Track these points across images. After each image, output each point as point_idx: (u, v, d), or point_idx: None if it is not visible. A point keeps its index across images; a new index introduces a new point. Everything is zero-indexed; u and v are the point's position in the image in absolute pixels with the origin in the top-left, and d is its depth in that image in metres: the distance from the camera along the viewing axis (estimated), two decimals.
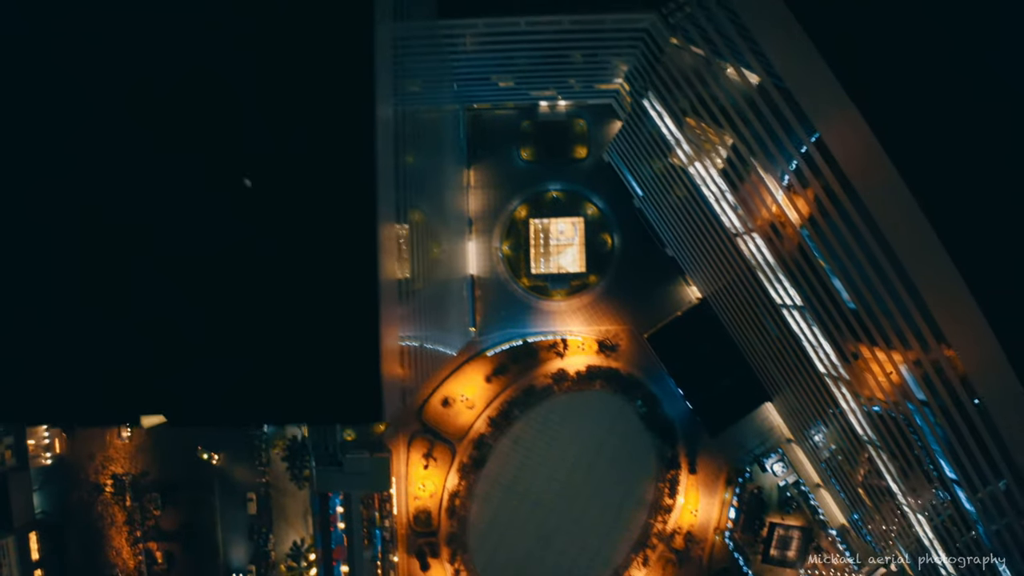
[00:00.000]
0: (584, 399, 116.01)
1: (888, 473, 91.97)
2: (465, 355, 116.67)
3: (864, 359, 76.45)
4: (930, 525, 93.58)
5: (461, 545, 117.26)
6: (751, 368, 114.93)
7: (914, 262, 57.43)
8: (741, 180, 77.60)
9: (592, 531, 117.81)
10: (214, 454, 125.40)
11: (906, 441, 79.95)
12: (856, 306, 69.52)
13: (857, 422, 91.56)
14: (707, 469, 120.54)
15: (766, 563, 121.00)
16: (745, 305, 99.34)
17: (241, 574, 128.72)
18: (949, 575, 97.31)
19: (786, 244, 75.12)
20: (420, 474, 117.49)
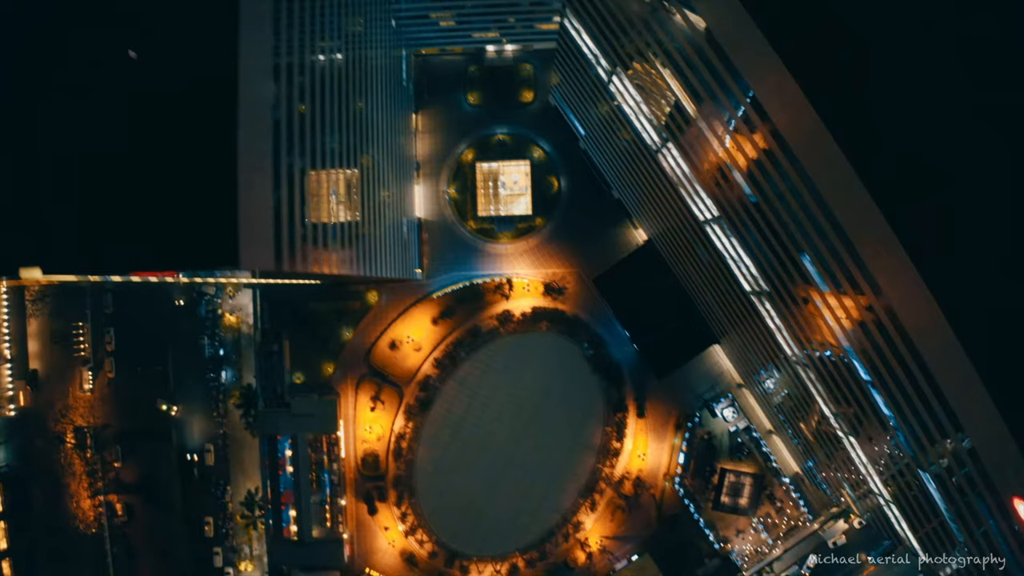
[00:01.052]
0: (530, 341, 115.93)
1: (835, 420, 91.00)
2: (412, 298, 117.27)
3: (802, 305, 76.02)
4: (878, 473, 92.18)
5: (408, 488, 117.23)
6: (698, 310, 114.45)
7: (845, 211, 57.37)
8: (685, 126, 76.90)
9: (539, 475, 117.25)
10: (173, 406, 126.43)
11: (846, 386, 79.07)
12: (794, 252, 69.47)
13: (800, 367, 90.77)
14: (656, 414, 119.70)
15: (717, 510, 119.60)
16: (689, 247, 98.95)
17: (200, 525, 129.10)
18: (901, 525, 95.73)
19: (734, 189, 73.95)
20: (368, 417, 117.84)
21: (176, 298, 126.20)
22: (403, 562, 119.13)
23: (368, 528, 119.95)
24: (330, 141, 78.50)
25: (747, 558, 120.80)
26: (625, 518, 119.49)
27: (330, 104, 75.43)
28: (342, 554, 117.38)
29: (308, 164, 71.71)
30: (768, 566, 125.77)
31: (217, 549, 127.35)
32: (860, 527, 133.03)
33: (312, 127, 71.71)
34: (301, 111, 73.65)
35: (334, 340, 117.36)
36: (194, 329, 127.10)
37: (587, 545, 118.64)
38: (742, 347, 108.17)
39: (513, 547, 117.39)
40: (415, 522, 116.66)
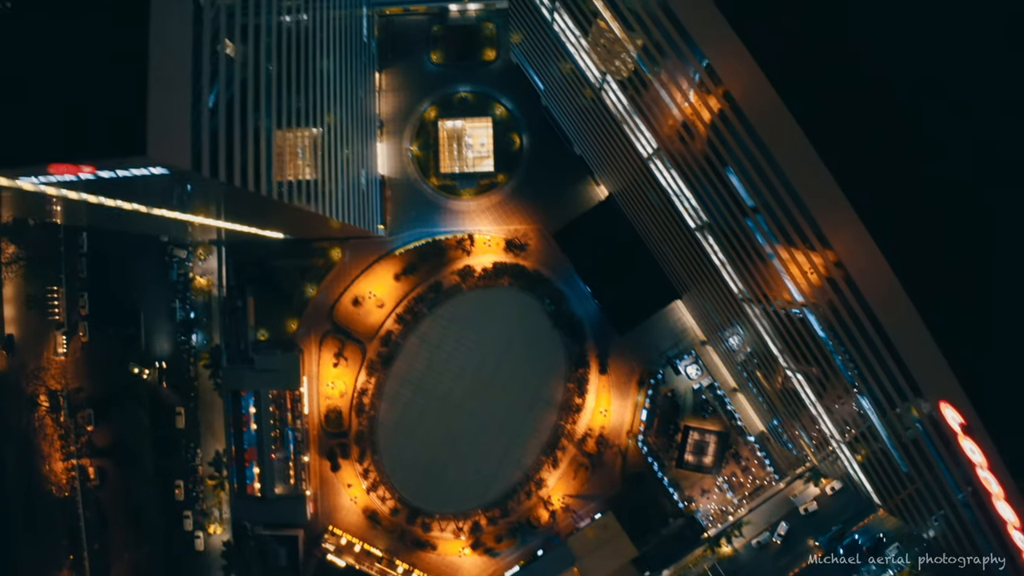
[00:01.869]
0: (491, 296, 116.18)
1: (797, 380, 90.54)
2: (375, 254, 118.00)
3: (759, 263, 76.10)
4: (839, 431, 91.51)
5: (370, 444, 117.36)
6: (659, 266, 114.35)
7: (796, 171, 57.71)
8: (647, 86, 77.23)
9: (501, 432, 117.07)
10: (145, 369, 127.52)
11: (803, 340, 78.85)
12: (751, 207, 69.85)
13: (761, 325, 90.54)
14: (619, 371, 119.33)
15: (681, 468, 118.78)
16: (648, 202, 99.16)
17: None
18: (863, 483, 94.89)
19: (697, 143, 74.07)
20: (331, 373, 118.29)
21: (150, 262, 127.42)
22: (366, 519, 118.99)
23: (331, 485, 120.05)
24: (295, 101, 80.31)
25: (712, 518, 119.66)
26: (588, 476, 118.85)
27: (296, 64, 77.10)
28: (305, 510, 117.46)
29: (273, 123, 74.00)
30: (737, 530, 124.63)
31: (187, 513, 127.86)
32: (832, 492, 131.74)
33: (278, 87, 73.42)
34: (269, 70, 75.52)
35: (298, 297, 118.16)
36: (166, 293, 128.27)
37: (550, 503, 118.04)
38: (703, 303, 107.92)
39: (475, 504, 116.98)
40: (377, 478, 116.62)
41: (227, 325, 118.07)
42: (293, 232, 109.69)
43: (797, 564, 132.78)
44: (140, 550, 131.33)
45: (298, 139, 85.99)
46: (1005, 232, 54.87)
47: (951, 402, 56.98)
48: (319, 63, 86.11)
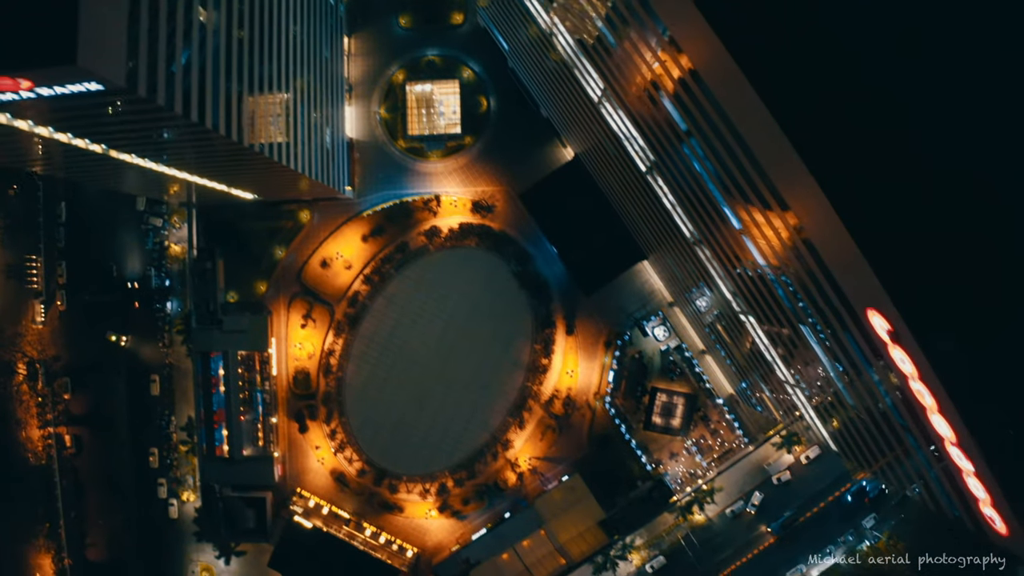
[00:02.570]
0: (458, 257, 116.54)
1: (762, 343, 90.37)
2: (344, 216, 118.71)
3: (719, 225, 76.47)
4: (802, 391, 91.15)
5: (338, 405, 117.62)
6: (624, 227, 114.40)
7: (752, 134, 58.19)
8: (612, 49, 77.88)
9: (467, 393, 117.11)
10: (123, 336, 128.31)
11: (764, 300, 78.93)
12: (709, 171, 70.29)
13: (724, 286, 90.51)
14: (586, 332, 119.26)
15: (648, 430, 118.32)
16: (613, 162, 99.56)
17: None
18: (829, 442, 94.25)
19: (660, 109, 74.30)
20: (299, 335, 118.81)
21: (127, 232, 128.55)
22: (333, 482, 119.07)
23: (300, 447, 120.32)
24: (264, 66, 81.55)
25: (681, 481, 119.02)
26: (556, 438, 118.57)
27: (267, 29, 78.38)
28: (272, 472, 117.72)
29: (244, 89, 75.24)
30: (709, 497, 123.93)
31: (162, 480, 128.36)
32: (807, 462, 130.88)
33: (249, 52, 74.89)
34: (240, 36, 76.88)
35: (267, 259, 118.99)
36: (142, 261, 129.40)
37: (517, 465, 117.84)
38: (669, 263, 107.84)
39: (442, 466, 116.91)
40: (344, 439, 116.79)
41: (196, 286, 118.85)
42: (262, 192, 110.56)
43: (767, 538, 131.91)
44: (115, 518, 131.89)
45: (269, 104, 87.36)
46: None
47: (878, 309, 56.48)
48: (288, 28, 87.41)
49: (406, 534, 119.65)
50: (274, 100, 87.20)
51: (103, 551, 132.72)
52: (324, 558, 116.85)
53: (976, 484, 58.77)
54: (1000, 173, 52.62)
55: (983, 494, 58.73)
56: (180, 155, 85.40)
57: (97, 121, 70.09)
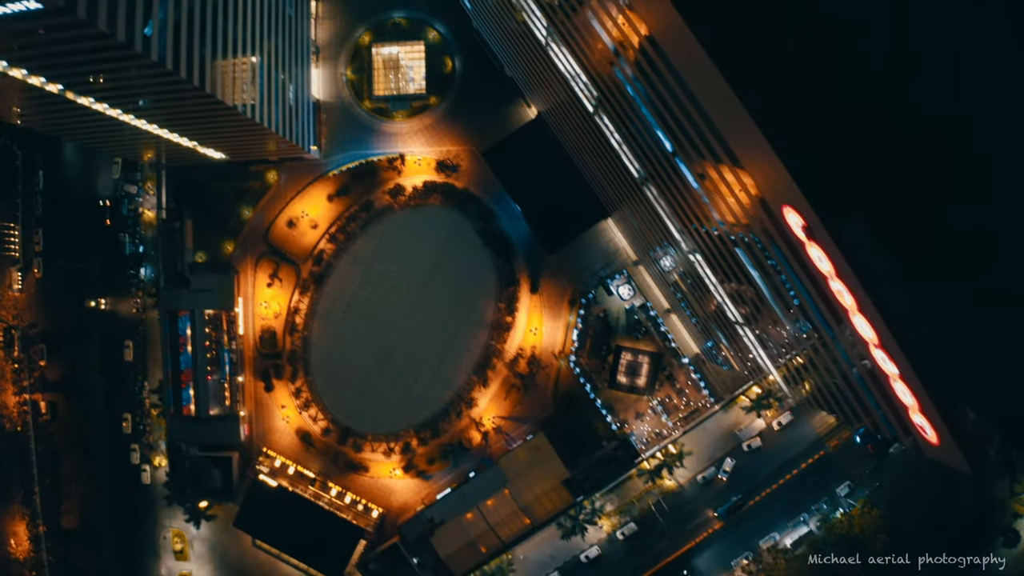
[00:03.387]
0: (422, 215, 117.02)
1: (724, 302, 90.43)
2: (310, 176, 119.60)
3: (668, 169, 77.06)
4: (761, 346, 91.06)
5: (303, 364, 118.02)
6: (587, 184, 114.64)
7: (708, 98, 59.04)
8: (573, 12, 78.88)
9: (431, 351, 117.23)
10: (101, 299, 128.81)
11: (724, 260, 79.19)
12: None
13: (684, 244, 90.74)
14: (551, 291, 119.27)
15: (613, 388, 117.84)
16: (574, 120, 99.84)
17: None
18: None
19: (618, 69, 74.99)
20: (266, 294, 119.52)
21: (103, 199, 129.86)
22: (299, 441, 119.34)
23: (266, 407, 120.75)
24: (232, 30, 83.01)
25: (647, 441, 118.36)
26: (520, 398, 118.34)
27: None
28: (238, 430, 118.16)
29: (213, 53, 76.82)
30: (678, 461, 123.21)
31: (134, 446, 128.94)
32: (779, 428, 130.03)
33: (217, 16, 76.24)
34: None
35: (235, 219, 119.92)
36: (117, 228, 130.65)
37: (482, 425, 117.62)
38: (631, 221, 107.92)
39: (406, 424, 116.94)
40: (309, 398, 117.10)
41: (165, 246, 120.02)
42: (230, 151, 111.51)
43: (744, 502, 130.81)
44: (89, 484, 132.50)
45: (237, 67, 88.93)
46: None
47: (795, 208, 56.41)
48: None
49: (372, 494, 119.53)
50: (242, 63, 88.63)
51: (77, 518, 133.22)
52: (289, 517, 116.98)
53: (903, 389, 58.40)
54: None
55: (910, 399, 58.32)
56: (141, 103, 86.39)
57: (46, 52, 70.44)
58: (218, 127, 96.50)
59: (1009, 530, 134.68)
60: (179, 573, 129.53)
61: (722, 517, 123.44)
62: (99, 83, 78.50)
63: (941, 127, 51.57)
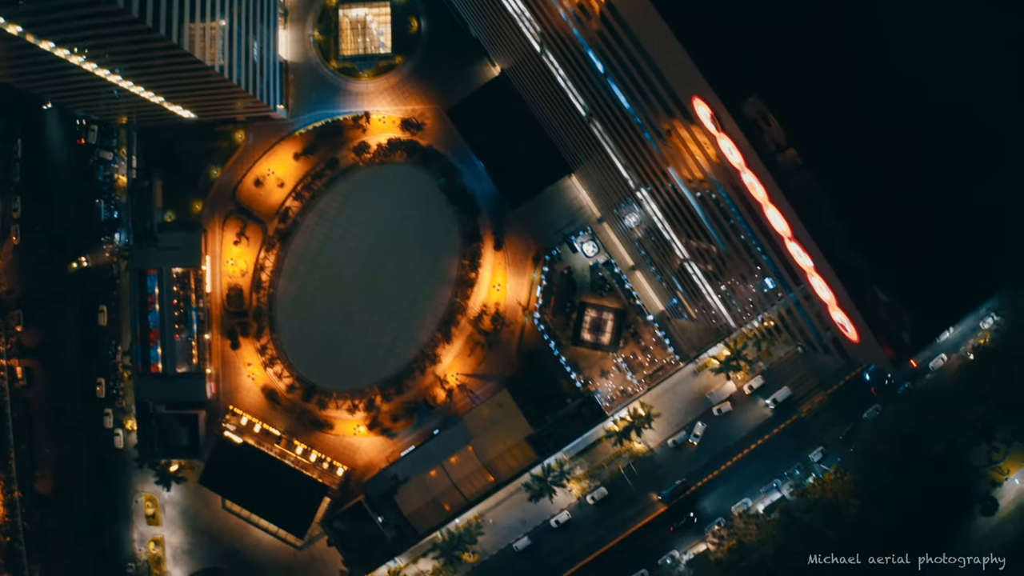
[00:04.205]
0: (387, 173, 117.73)
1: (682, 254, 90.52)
2: (277, 136, 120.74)
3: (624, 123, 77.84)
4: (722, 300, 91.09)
5: (268, 321, 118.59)
6: (550, 141, 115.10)
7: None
8: None
9: (396, 308, 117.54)
10: (81, 259, 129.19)
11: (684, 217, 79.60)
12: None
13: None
14: (515, 248, 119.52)
15: (577, 345, 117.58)
16: (536, 79, 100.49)
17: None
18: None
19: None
20: (233, 252, 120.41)
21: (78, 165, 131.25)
22: (265, 399, 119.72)
23: (233, 365, 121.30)
24: None
25: (612, 398, 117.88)
26: (485, 355, 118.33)
27: None
28: (205, 388, 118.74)
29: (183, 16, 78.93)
30: (647, 423, 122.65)
31: (108, 410, 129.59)
32: (750, 392, 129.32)
33: None
34: None
35: (203, 179, 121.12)
36: (93, 194, 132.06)
37: (446, 382, 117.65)
38: (594, 176, 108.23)
39: (370, 381, 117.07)
40: (274, 355, 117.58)
41: (134, 205, 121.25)
42: (198, 108, 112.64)
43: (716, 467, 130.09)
44: (63, 449, 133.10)
45: (207, 28, 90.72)
46: None
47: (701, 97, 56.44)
48: None
49: (337, 452, 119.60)
50: (211, 26, 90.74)
51: (51, 483, 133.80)
52: (254, 475, 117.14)
53: (820, 283, 58.06)
54: None
55: (828, 294, 57.93)
56: (105, 52, 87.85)
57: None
58: (186, 82, 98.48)
59: (987, 498, 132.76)
60: (151, 538, 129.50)
61: (665, 500, 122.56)
62: (80, 40, 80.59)
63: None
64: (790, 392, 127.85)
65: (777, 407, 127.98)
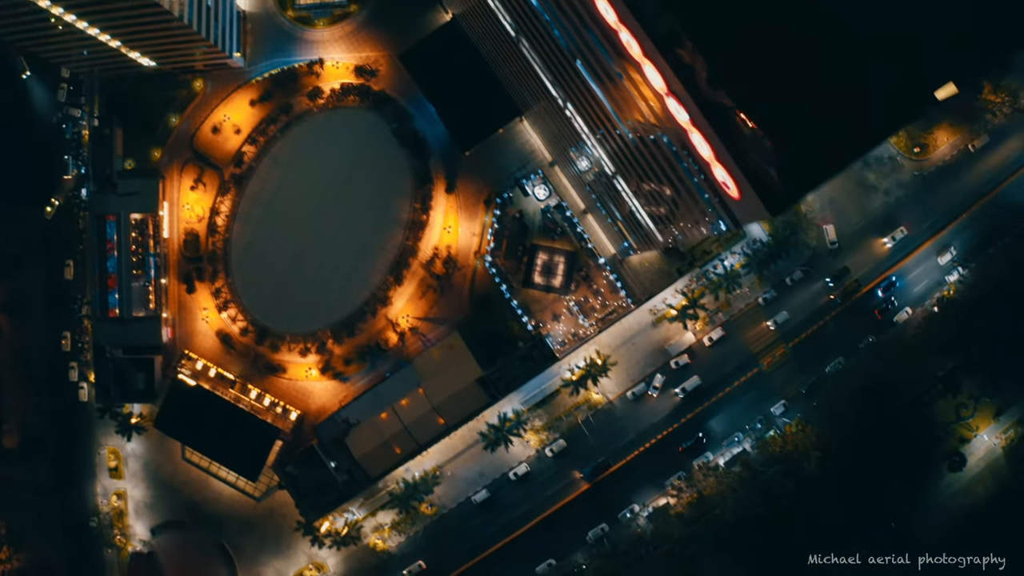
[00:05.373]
0: (339, 117, 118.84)
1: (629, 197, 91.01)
2: (234, 84, 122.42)
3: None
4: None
5: (223, 265, 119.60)
6: (500, 84, 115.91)
7: None
8: None
9: (348, 250, 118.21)
10: (54, 199, 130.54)
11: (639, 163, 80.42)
12: None
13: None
14: (467, 192, 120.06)
15: (528, 288, 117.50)
16: (485, 23, 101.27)
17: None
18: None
19: None
20: (190, 198, 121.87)
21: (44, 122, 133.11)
22: (220, 343, 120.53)
23: (189, 310, 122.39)
24: None
25: (564, 342, 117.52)
26: (436, 298, 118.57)
27: None
28: (160, 332, 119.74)
29: None
30: (604, 372, 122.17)
31: (73, 363, 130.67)
32: (710, 343, 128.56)
33: None
34: None
35: (163, 127, 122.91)
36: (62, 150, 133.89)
37: (398, 325, 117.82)
38: (543, 120, 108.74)
39: (322, 324, 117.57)
40: (228, 298, 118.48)
41: (95, 153, 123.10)
42: (157, 54, 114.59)
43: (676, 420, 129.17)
44: (29, 402, 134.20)
45: None
46: None
47: None
48: None
49: (290, 397, 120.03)
50: None
51: (17, 437, 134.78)
52: (208, 418, 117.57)
53: (699, 140, 57.94)
54: None
55: (707, 150, 57.82)
56: None
57: None
58: (145, 28, 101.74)
59: (955, 453, 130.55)
60: (114, 491, 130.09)
61: (587, 478, 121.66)
62: None
63: None
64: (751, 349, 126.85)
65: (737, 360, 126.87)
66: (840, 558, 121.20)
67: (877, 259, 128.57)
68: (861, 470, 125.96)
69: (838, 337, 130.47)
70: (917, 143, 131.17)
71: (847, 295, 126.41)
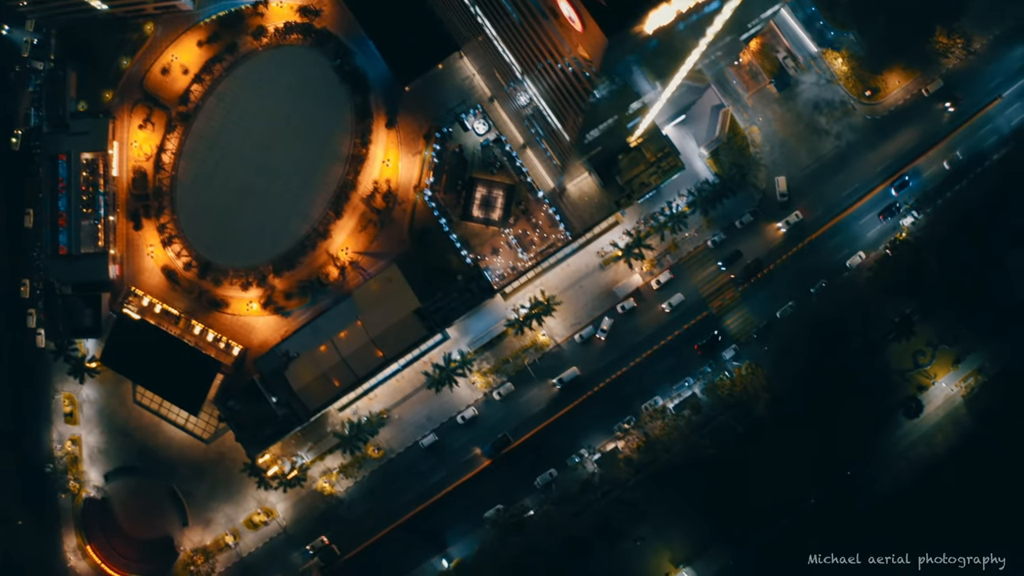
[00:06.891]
0: (282, 55, 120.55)
1: None
2: (184, 26, 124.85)
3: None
4: None
5: (169, 201, 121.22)
6: (439, 21, 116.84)
7: None
8: None
9: (289, 184, 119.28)
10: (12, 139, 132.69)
11: None
12: None
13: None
14: (407, 127, 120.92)
15: (467, 220, 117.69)
16: None
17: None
18: None
19: None
20: (139, 137, 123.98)
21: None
22: (165, 279, 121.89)
23: (136, 248, 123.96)
24: None
25: (503, 275, 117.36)
26: (376, 232, 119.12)
27: None
28: (107, 268, 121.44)
29: None
30: (548, 312, 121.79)
31: (31, 310, 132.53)
32: (658, 286, 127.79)
33: None
34: None
35: (114, 70, 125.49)
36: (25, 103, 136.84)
37: (338, 259, 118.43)
38: (481, 55, 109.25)
39: (264, 258, 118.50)
40: (173, 233, 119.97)
41: (48, 94, 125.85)
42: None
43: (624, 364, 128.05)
44: None
45: None
46: None
47: None
48: None
49: (233, 332, 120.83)
50: None
51: None
52: (151, 352, 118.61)
53: None
54: None
55: None
56: None
57: None
58: None
59: (911, 399, 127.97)
60: (69, 437, 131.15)
61: (487, 455, 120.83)
62: None
63: None
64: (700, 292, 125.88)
65: (680, 305, 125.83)
66: (840, 558, 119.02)
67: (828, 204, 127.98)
68: (814, 416, 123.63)
69: (789, 281, 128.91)
70: (868, 87, 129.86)
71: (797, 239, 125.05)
